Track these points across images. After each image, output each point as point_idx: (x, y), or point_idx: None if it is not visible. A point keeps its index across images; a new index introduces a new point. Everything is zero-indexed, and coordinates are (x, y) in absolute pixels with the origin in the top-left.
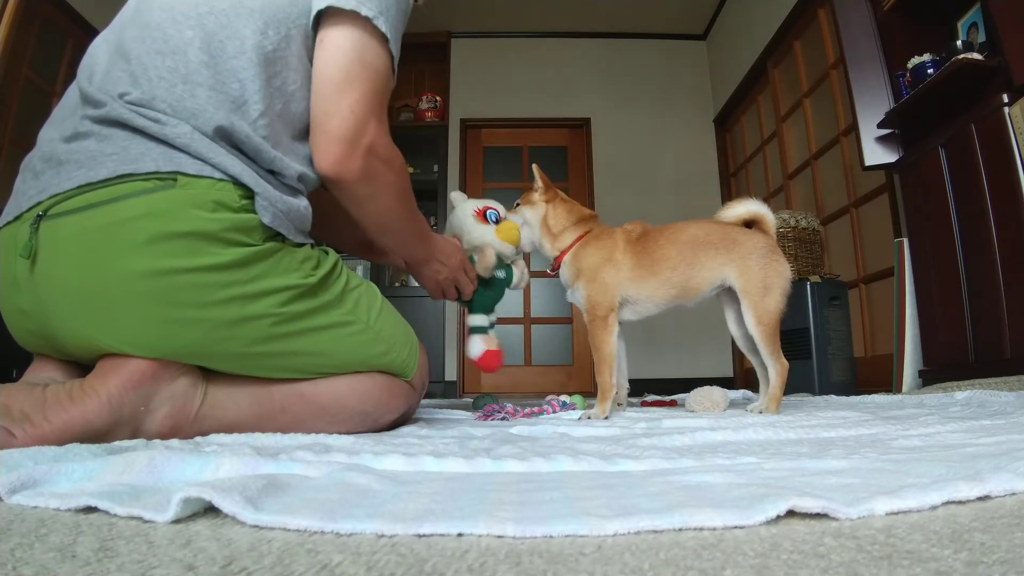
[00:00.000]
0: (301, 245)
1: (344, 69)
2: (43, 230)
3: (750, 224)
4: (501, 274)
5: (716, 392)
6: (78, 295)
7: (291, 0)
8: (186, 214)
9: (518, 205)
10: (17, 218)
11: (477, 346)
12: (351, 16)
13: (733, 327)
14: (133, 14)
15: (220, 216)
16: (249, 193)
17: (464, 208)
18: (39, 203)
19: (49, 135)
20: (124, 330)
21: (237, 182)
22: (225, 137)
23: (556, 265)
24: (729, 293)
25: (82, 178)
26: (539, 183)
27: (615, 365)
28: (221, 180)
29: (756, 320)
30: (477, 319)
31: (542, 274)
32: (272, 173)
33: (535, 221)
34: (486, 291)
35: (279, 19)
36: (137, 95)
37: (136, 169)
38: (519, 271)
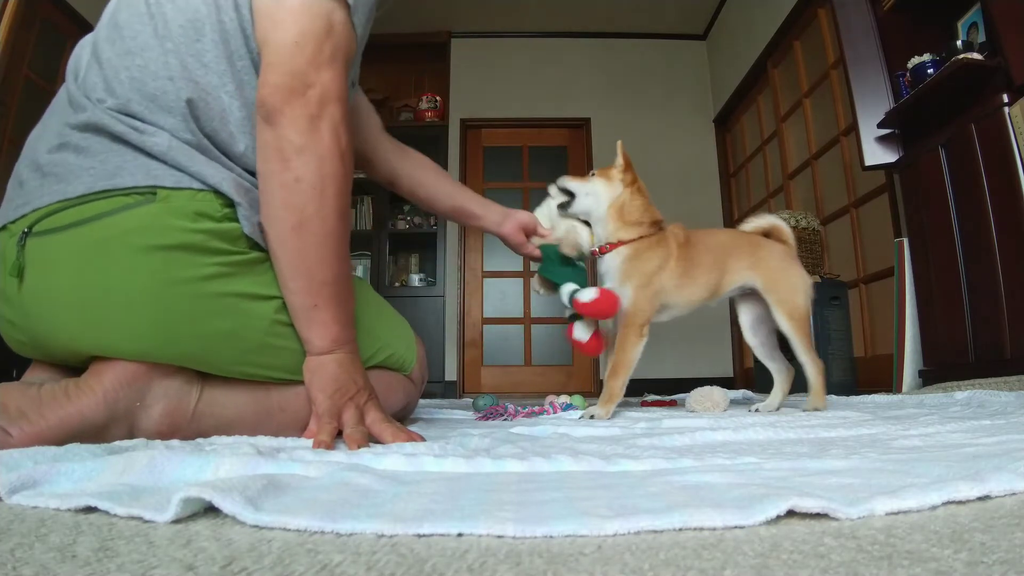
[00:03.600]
0: None
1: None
2: (30, 247)
3: (768, 235)
4: (582, 264)
5: (716, 392)
6: (72, 310)
7: None
8: (169, 226)
9: (593, 175)
10: (4, 228)
11: (581, 332)
12: None
13: (749, 335)
14: (111, 14)
15: (202, 226)
16: (231, 202)
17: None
18: (24, 216)
19: (35, 139)
20: (119, 343)
21: (218, 192)
22: (197, 122)
23: (603, 250)
24: (746, 303)
25: (60, 193)
26: (620, 160)
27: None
28: (201, 191)
29: (788, 315)
30: (569, 286)
31: None
32: (252, 174)
33: (605, 198)
34: (567, 267)
35: None
36: (113, 102)
37: (114, 185)
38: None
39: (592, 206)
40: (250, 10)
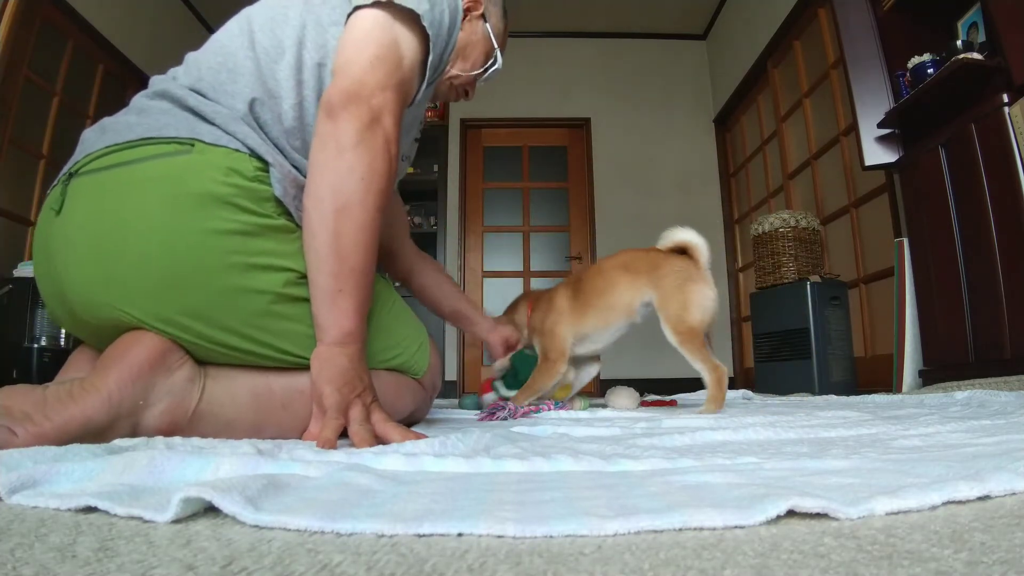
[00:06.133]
0: None
1: (371, 32)
2: (72, 185)
3: (683, 251)
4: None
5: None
6: (86, 249)
7: (332, 20)
8: (199, 175)
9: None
10: (58, 182)
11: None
12: (382, 3)
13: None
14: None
15: (232, 181)
16: (265, 166)
17: None
18: (76, 162)
19: None
20: (125, 287)
21: (253, 153)
22: (255, 115)
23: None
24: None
25: (111, 140)
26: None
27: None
28: (237, 151)
29: (672, 329)
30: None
31: (542, 274)
32: (295, 168)
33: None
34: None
35: (317, 40)
36: (186, 80)
37: (158, 134)
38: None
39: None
40: (335, 49)
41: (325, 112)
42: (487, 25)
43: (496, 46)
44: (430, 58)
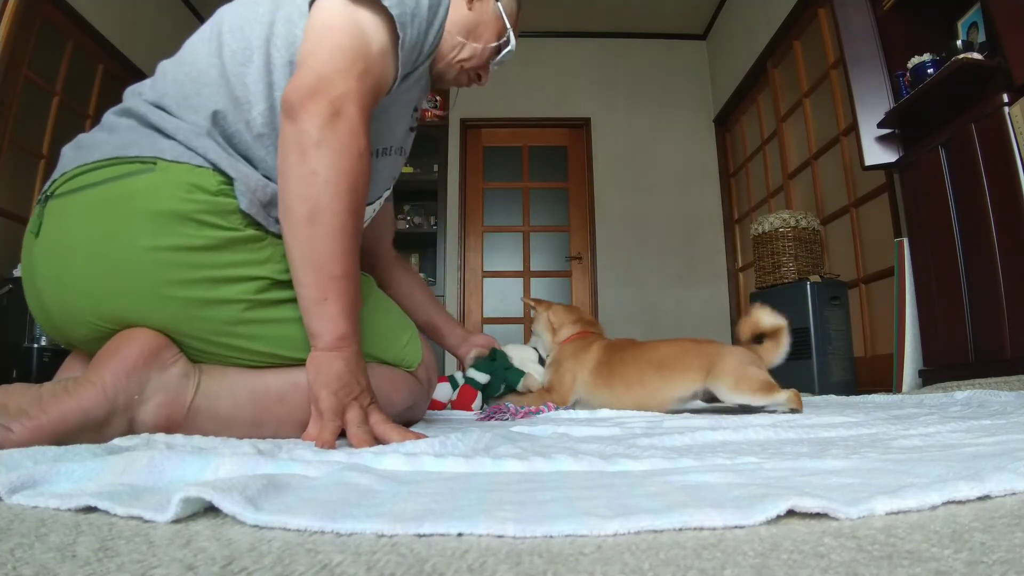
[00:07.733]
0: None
1: (330, 21)
2: (49, 207)
3: (761, 338)
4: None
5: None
6: (56, 271)
7: (301, 13)
8: (163, 194)
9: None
10: (39, 201)
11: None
12: None
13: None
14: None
15: (196, 197)
16: (229, 180)
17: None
18: (53, 181)
19: None
20: (96, 307)
21: (216, 168)
22: (219, 128)
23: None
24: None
25: (81, 160)
26: (534, 306)
27: None
28: (200, 167)
29: (751, 392)
30: (478, 375)
31: (542, 274)
32: (267, 179)
33: (541, 328)
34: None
35: (287, 37)
36: (151, 95)
37: (123, 153)
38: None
39: (537, 341)
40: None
41: (285, 113)
42: (499, 4)
43: (509, 26)
44: (401, 38)
